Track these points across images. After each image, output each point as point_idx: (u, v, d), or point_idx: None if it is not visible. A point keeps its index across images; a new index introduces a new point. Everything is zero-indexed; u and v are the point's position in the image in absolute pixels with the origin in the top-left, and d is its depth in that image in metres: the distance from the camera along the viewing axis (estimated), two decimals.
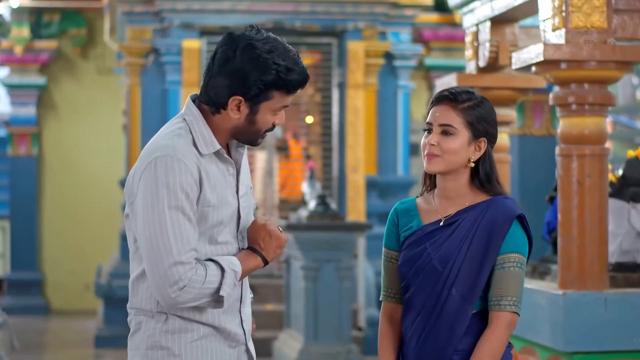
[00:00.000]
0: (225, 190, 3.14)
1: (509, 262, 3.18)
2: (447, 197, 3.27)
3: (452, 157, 3.22)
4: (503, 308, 3.17)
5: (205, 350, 3.13)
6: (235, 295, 3.16)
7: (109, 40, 13.18)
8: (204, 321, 3.11)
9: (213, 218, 3.09)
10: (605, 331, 4.88)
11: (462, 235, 3.20)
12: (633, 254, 5.35)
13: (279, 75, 3.08)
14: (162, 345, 3.10)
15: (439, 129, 3.22)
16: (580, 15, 4.96)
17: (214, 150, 3.11)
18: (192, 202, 3.03)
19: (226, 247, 3.15)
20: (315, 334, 8.86)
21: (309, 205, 9.44)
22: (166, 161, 3.02)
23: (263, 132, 3.17)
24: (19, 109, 14.42)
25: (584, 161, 4.98)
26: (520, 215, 3.21)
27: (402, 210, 3.35)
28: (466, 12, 6.28)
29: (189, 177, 3.02)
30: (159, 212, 3.00)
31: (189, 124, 3.12)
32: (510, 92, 6.11)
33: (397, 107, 11.61)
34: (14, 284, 14.33)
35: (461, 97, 3.23)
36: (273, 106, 3.15)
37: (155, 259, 3.00)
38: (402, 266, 3.29)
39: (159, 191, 3.01)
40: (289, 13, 11.20)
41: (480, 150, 3.25)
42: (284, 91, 3.14)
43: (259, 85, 3.07)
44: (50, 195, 14.67)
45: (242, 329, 3.20)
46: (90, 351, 11.01)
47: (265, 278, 11.10)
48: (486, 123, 3.25)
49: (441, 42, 12.92)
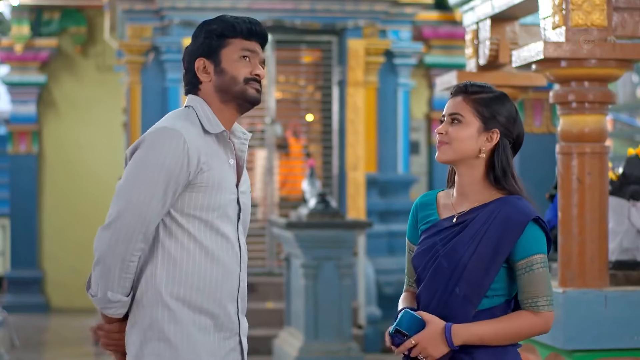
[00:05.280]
0: (227, 175, 3.22)
1: (537, 264, 3.18)
2: (463, 192, 3.27)
3: (459, 144, 3.22)
4: (542, 309, 3.20)
5: (205, 343, 3.17)
6: (234, 284, 3.21)
7: (109, 38, 13.19)
8: (206, 306, 3.16)
9: (211, 200, 3.16)
10: (605, 329, 4.88)
11: (471, 235, 3.20)
12: (633, 251, 5.35)
13: (223, 22, 3.26)
14: (162, 338, 3.15)
15: (449, 118, 3.25)
16: (580, 13, 4.96)
17: (219, 130, 3.21)
18: (177, 179, 3.11)
19: (228, 243, 3.21)
20: (316, 331, 8.86)
21: (309, 203, 9.44)
22: (162, 133, 3.14)
23: (242, 80, 3.24)
24: (19, 107, 14.42)
25: (584, 159, 4.98)
26: (537, 217, 3.20)
27: (422, 204, 3.36)
28: (466, 10, 6.28)
29: (180, 153, 3.11)
30: (141, 179, 3.11)
31: (195, 108, 3.24)
32: (510, 90, 6.11)
33: (397, 105, 11.61)
34: (14, 282, 14.33)
35: (473, 88, 3.26)
36: (234, 53, 3.25)
37: (123, 210, 3.11)
38: (415, 259, 3.30)
39: (148, 159, 3.11)
40: (289, 11, 11.20)
41: (492, 141, 3.24)
42: (239, 37, 3.25)
43: (205, 36, 3.25)
44: (50, 193, 14.67)
45: (238, 319, 3.24)
46: (90, 349, 11.01)
47: (265, 276, 11.10)
48: (500, 115, 3.24)
49: (441, 40, 12.92)
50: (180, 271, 3.15)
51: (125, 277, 3.15)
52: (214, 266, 3.17)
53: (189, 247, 3.16)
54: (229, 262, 3.21)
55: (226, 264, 3.20)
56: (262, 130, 11.36)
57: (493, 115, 3.24)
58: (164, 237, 3.17)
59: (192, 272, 3.15)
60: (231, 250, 3.22)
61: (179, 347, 3.14)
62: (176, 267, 3.15)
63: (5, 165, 14.54)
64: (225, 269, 3.19)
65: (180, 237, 3.16)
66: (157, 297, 3.15)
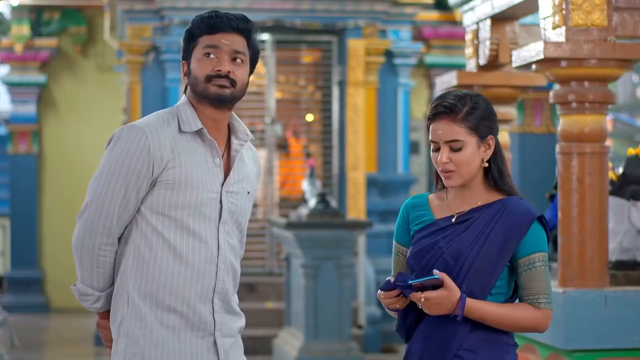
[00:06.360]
0: (203, 173, 3.20)
1: (538, 262, 3.21)
2: (462, 195, 3.29)
3: (467, 168, 3.23)
4: (543, 306, 3.22)
5: (171, 341, 3.17)
6: (208, 284, 3.20)
7: (109, 38, 13.18)
8: (172, 305, 3.16)
9: (180, 197, 3.16)
10: (605, 329, 4.88)
11: (476, 233, 3.21)
12: (633, 251, 5.35)
13: (192, 22, 3.25)
14: (129, 334, 3.17)
15: (446, 145, 3.22)
16: (580, 13, 4.96)
17: (195, 128, 3.21)
18: (139, 175, 3.14)
19: (200, 243, 3.19)
20: (316, 331, 8.86)
21: (309, 203, 9.44)
22: (126, 130, 3.18)
23: (203, 79, 3.22)
24: (19, 107, 14.42)
25: (584, 159, 4.98)
26: (540, 216, 3.23)
27: (413, 205, 3.36)
28: (466, 10, 6.28)
29: (141, 149, 3.14)
30: (104, 174, 3.16)
31: (177, 107, 3.27)
32: (510, 90, 6.11)
33: (398, 105, 11.61)
34: (14, 282, 14.33)
35: (457, 107, 3.22)
36: (198, 52, 3.24)
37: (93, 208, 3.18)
38: (411, 259, 3.28)
39: (111, 155, 3.16)
40: (289, 11, 11.20)
41: (491, 148, 3.26)
42: (204, 34, 3.23)
43: (183, 38, 3.26)
44: (50, 193, 14.67)
45: (213, 319, 3.22)
46: (90, 349, 11.01)
47: (265, 276, 11.10)
48: (488, 121, 3.26)
49: (441, 40, 12.91)
50: (147, 268, 3.16)
51: (97, 271, 3.19)
52: (182, 265, 3.16)
53: (157, 245, 3.16)
54: (199, 261, 3.18)
55: (196, 264, 3.17)
56: (262, 130, 11.36)
57: (484, 125, 3.25)
58: (135, 234, 3.19)
59: (158, 270, 3.16)
60: (204, 249, 3.18)
61: (141, 343, 3.15)
62: (144, 264, 3.16)
63: (5, 165, 14.53)
64: (194, 268, 3.17)
65: (149, 234, 3.17)
66: (126, 293, 3.17)
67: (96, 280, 3.21)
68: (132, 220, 3.19)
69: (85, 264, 3.20)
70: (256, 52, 3.30)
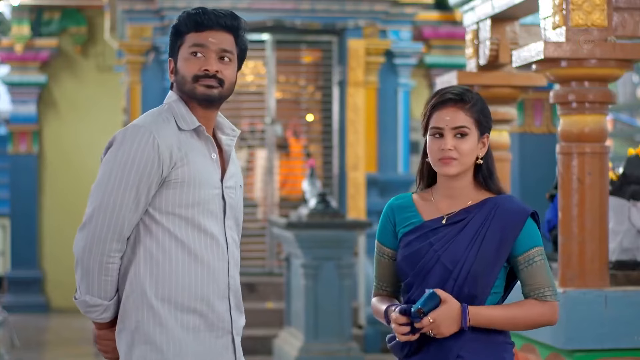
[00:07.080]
0: (207, 170, 3.17)
1: (537, 256, 3.21)
2: (451, 195, 3.25)
3: (467, 158, 3.21)
4: (549, 299, 3.21)
5: (192, 344, 3.12)
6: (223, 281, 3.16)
7: (109, 38, 13.18)
8: (192, 305, 3.11)
9: (190, 196, 3.11)
10: (605, 329, 4.88)
11: (472, 235, 3.19)
12: (633, 251, 5.35)
13: (179, 18, 3.22)
14: (148, 341, 3.11)
15: (452, 132, 3.20)
16: (580, 13, 4.96)
17: (193, 126, 3.16)
18: (149, 176, 3.07)
19: (212, 240, 3.15)
20: (316, 331, 8.86)
21: (310, 203, 9.44)
22: (131, 131, 3.10)
23: (190, 79, 3.19)
24: (19, 107, 14.42)
25: (585, 159, 4.98)
26: (534, 212, 3.24)
27: (398, 206, 3.30)
28: (467, 10, 6.28)
29: (150, 149, 3.07)
30: (112, 178, 3.08)
31: (169, 105, 3.21)
32: (510, 90, 6.11)
33: (398, 105, 11.61)
34: (14, 282, 14.33)
35: (466, 96, 3.22)
36: (185, 50, 3.22)
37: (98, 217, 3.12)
38: (403, 263, 3.24)
39: (118, 157, 3.08)
40: (289, 11, 11.20)
41: (485, 146, 3.26)
42: (192, 32, 3.20)
43: (169, 35, 3.25)
44: (50, 193, 14.67)
45: (230, 316, 3.19)
46: (90, 349, 11.00)
47: (265, 276, 11.10)
48: (487, 117, 3.27)
49: (441, 40, 12.91)
50: (163, 271, 3.10)
51: (105, 279, 3.11)
52: (197, 264, 3.12)
53: (170, 246, 3.10)
54: (213, 259, 3.14)
55: (210, 261, 3.14)
56: (262, 130, 11.36)
57: (484, 120, 3.25)
58: (145, 236, 3.12)
59: (174, 271, 3.10)
60: (215, 246, 3.15)
61: (164, 350, 3.09)
62: (159, 267, 3.10)
63: (5, 165, 14.53)
64: (209, 266, 3.13)
65: (160, 236, 3.11)
66: (142, 298, 3.10)
67: (104, 289, 3.12)
68: (139, 223, 3.12)
69: (93, 274, 3.10)
70: (244, 49, 3.25)
